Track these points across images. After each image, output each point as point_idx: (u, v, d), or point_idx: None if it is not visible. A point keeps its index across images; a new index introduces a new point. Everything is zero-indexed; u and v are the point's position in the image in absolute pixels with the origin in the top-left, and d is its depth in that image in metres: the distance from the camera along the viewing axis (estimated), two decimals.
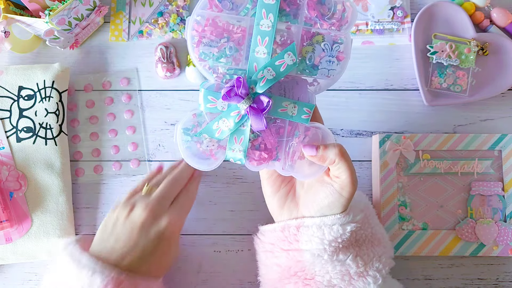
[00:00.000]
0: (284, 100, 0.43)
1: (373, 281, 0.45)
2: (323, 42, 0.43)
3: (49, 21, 0.57)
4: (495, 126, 0.63)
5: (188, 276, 0.60)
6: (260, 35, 0.42)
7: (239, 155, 0.44)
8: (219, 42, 0.42)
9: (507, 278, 0.59)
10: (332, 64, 0.43)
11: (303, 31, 0.43)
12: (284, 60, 0.41)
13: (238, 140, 0.44)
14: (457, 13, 0.63)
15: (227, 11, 0.42)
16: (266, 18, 0.41)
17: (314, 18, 0.42)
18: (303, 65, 0.43)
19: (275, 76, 0.42)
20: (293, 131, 0.44)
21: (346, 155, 0.43)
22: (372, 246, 0.47)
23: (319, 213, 0.45)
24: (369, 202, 0.51)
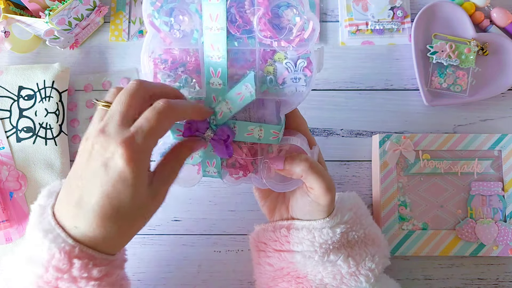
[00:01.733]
0: (249, 124, 0.41)
1: (365, 280, 0.45)
2: (285, 60, 0.40)
3: (49, 21, 0.57)
4: (495, 126, 0.63)
5: (188, 276, 0.60)
6: (212, 67, 0.39)
7: (215, 175, 0.44)
8: (176, 73, 0.41)
9: (507, 278, 0.59)
10: (298, 81, 0.40)
11: (261, 50, 0.40)
12: (242, 92, 0.39)
13: (211, 164, 0.44)
14: (457, 13, 0.63)
15: (177, 41, 0.40)
16: (214, 49, 0.39)
17: (270, 37, 0.39)
18: (267, 85, 0.41)
19: (231, 109, 0.40)
20: (267, 146, 0.44)
21: (314, 168, 0.42)
22: (365, 246, 0.47)
23: (303, 217, 0.46)
24: (361, 202, 0.51)
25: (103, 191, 0.35)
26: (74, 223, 0.36)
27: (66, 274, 0.36)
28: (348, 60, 0.65)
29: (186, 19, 0.39)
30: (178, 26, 0.40)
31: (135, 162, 0.34)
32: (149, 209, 0.39)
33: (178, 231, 0.61)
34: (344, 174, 0.62)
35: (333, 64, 0.65)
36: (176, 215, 0.61)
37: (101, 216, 0.35)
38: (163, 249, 0.60)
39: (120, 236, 0.38)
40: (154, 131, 0.36)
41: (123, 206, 0.35)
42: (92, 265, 0.36)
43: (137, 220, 0.38)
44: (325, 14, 0.67)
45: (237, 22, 0.39)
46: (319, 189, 0.42)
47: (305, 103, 0.63)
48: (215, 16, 0.38)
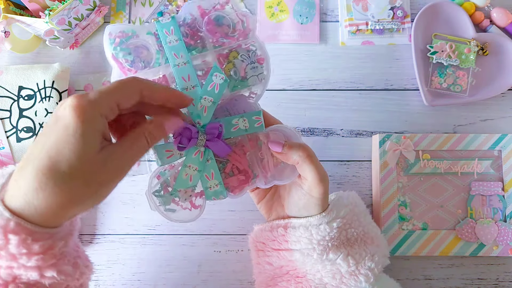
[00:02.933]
0: (232, 118, 0.44)
1: (364, 279, 0.45)
2: (239, 55, 0.44)
3: (49, 21, 0.57)
4: (495, 126, 0.63)
5: (188, 276, 0.60)
6: (182, 74, 0.42)
7: (218, 189, 0.44)
8: None
9: (507, 278, 0.59)
10: (257, 69, 0.44)
11: (217, 55, 0.44)
12: (214, 82, 0.42)
13: (210, 176, 0.43)
14: (457, 13, 0.63)
15: (141, 70, 0.43)
16: (179, 57, 0.42)
17: (220, 39, 0.44)
18: (233, 82, 0.44)
19: (213, 100, 0.42)
20: (257, 143, 0.45)
21: (310, 157, 0.43)
22: (364, 245, 0.47)
23: (299, 214, 0.46)
24: (360, 201, 0.51)
25: (47, 144, 0.32)
26: (17, 184, 0.33)
27: (3, 251, 0.33)
28: (348, 60, 0.65)
29: (144, 51, 0.43)
30: (138, 58, 0.43)
31: (81, 111, 0.32)
32: (97, 177, 0.34)
33: (178, 231, 0.61)
34: (344, 174, 0.62)
35: (333, 64, 0.65)
36: None
37: (42, 170, 0.32)
38: (163, 249, 0.60)
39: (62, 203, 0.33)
40: (110, 91, 0.34)
41: (64, 162, 0.32)
42: (32, 240, 0.33)
43: (81, 186, 0.33)
44: (325, 14, 0.67)
45: (189, 35, 0.43)
46: (313, 179, 0.43)
47: (305, 103, 0.64)
48: (170, 31, 0.43)
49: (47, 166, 0.32)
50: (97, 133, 0.34)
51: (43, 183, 0.32)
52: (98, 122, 0.34)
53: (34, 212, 0.33)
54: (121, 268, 0.60)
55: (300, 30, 0.65)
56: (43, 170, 0.32)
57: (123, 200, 0.61)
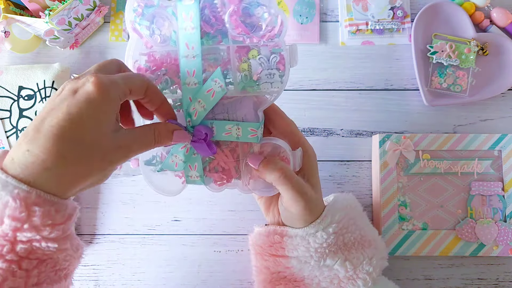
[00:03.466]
0: (226, 123, 0.42)
1: (362, 283, 0.45)
2: (258, 56, 0.41)
3: (49, 21, 0.57)
4: (495, 126, 0.63)
5: (188, 276, 0.60)
6: (187, 67, 0.40)
7: (198, 180, 0.44)
8: (158, 76, 0.42)
9: (507, 278, 0.59)
10: (273, 77, 0.41)
11: (236, 48, 0.41)
12: (212, 88, 0.40)
13: (193, 167, 0.44)
14: (457, 13, 0.63)
15: (158, 45, 0.41)
16: (189, 49, 0.40)
17: (242, 34, 0.40)
18: (243, 83, 0.41)
19: (205, 107, 0.41)
20: (249, 149, 0.44)
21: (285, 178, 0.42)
22: (362, 249, 0.47)
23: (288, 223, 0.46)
24: (357, 203, 0.51)
25: (67, 112, 0.33)
26: (32, 154, 0.32)
27: (26, 223, 0.33)
28: (348, 60, 0.65)
29: (166, 24, 0.40)
30: (159, 31, 0.41)
31: (105, 90, 0.34)
32: (108, 155, 0.35)
33: (178, 231, 0.61)
34: (344, 174, 0.62)
35: (333, 64, 0.65)
36: (176, 215, 0.61)
37: (65, 139, 0.32)
38: (163, 249, 0.60)
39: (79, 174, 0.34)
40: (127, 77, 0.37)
41: (88, 133, 0.33)
42: (55, 211, 0.34)
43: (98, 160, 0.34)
44: (325, 14, 0.67)
45: (211, 21, 0.40)
46: (287, 200, 0.43)
47: (305, 103, 0.64)
48: (189, 16, 0.39)
49: (71, 136, 0.32)
50: (114, 113, 0.35)
51: (66, 151, 0.32)
52: (116, 102, 0.35)
53: (51, 182, 0.33)
54: (121, 268, 0.60)
55: (300, 30, 0.65)
56: (67, 139, 0.32)
57: (123, 200, 0.61)
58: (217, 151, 0.44)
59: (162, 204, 0.61)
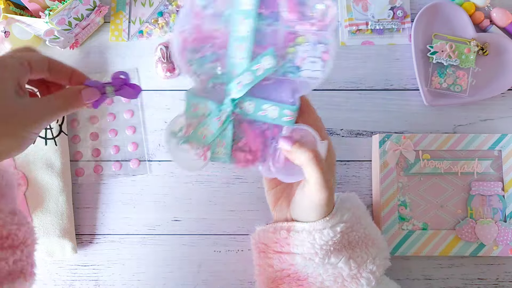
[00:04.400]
0: (264, 102, 0.43)
1: (366, 283, 0.45)
2: (306, 43, 0.42)
3: (49, 21, 0.57)
4: (495, 126, 0.63)
5: (188, 276, 0.60)
6: (237, 41, 0.42)
7: (223, 157, 0.45)
8: (203, 48, 0.43)
9: (507, 278, 0.59)
10: (316, 65, 0.43)
11: (285, 33, 0.42)
12: (261, 64, 0.41)
13: (221, 144, 0.44)
14: (457, 13, 0.63)
15: (209, 18, 0.42)
16: (243, 24, 0.41)
17: (294, 19, 0.42)
18: (286, 67, 0.43)
19: (252, 81, 0.42)
20: (279, 133, 0.44)
21: (317, 160, 0.42)
22: (366, 248, 0.47)
23: (300, 215, 0.46)
24: (360, 203, 0.51)
25: None
26: None
27: None
28: (348, 60, 0.65)
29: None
30: (212, 4, 0.42)
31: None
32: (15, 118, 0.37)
33: (178, 231, 0.61)
34: (344, 174, 0.62)
35: (333, 64, 0.65)
36: (176, 215, 0.61)
37: None
38: (163, 249, 0.60)
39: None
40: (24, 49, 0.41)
41: None
42: None
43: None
44: None
45: (266, 2, 0.42)
46: (314, 184, 0.42)
47: None
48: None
49: None
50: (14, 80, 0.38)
51: None
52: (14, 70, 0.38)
53: None
54: (121, 268, 0.60)
55: None
56: None
57: (123, 200, 0.61)
58: (248, 130, 0.44)
59: (162, 204, 0.61)
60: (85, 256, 0.61)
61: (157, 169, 0.62)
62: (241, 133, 0.44)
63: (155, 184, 0.62)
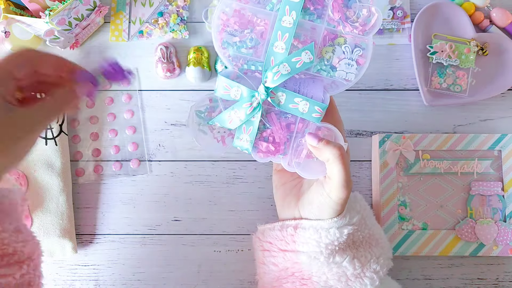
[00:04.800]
0: (296, 96, 0.44)
1: (370, 282, 0.45)
2: (344, 45, 0.44)
3: (49, 21, 0.57)
4: (495, 126, 0.63)
5: (188, 276, 0.60)
6: (280, 31, 0.42)
7: (247, 145, 0.45)
8: (242, 33, 0.44)
9: (507, 278, 0.59)
10: (351, 67, 0.44)
11: (325, 31, 0.43)
12: (301, 57, 0.42)
13: (246, 130, 0.44)
14: (457, 13, 0.63)
15: (253, 3, 0.43)
16: (288, 15, 0.42)
17: (338, 20, 0.43)
18: (321, 65, 0.44)
19: (289, 71, 0.42)
20: (304, 129, 0.45)
21: (343, 158, 0.42)
22: (369, 248, 0.47)
23: (311, 214, 0.46)
24: (365, 203, 0.51)
25: None
26: None
27: None
28: None
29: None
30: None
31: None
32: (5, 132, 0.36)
33: (178, 231, 0.61)
34: None
35: None
36: (176, 215, 0.61)
37: None
38: (163, 249, 0.60)
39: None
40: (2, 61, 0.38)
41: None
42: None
43: None
44: None
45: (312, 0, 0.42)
46: (337, 182, 0.42)
47: None
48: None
49: None
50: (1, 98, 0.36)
51: None
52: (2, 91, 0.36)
53: None
54: (121, 268, 0.60)
55: None
56: None
57: (123, 200, 0.61)
58: (275, 122, 0.45)
59: (162, 204, 0.61)
60: (85, 256, 0.61)
61: (157, 169, 0.62)
62: (267, 123, 0.45)
63: (155, 184, 0.62)
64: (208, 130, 0.45)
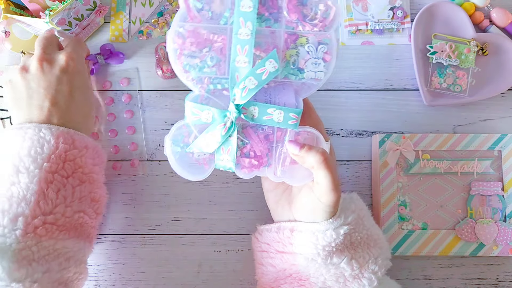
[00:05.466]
0: (269, 106, 0.42)
1: (368, 283, 0.45)
2: (307, 44, 0.42)
3: (49, 21, 0.57)
4: (495, 126, 0.63)
5: (188, 276, 0.60)
6: (239, 44, 0.41)
7: (229, 164, 0.44)
8: (200, 52, 0.42)
9: (507, 278, 0.59)
10: (318, 66, 0.42)
11: (285, 34, 0.42)
12: (266, 67, 0.40)
13: (225, 150, 0.43)
14: (457, 13, 0.63)
15: (206, 21, 0.41)
16: (244, 27, 0.40)
17: (295, 21, 0.41)
18: (288, 69, 0.42)
19: (257, 84, 0.41)
20: (283, 137, 0.44)
21: (327, 163, 0.42)
22: (368, 248, 0.47)
23: (305, 217, 0.46)
24: (363, 203, 0.51)
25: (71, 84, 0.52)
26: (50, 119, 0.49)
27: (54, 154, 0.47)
28: (348, 60, 0.65)
29: (217, 1, 0.41)
30: (208, 7, 0.41)
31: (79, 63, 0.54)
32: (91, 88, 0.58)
33: (178, 231, 0.61)
34: (344, 174, 0.62)
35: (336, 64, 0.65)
36: (176, 215, 0.61)
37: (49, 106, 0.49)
38: (163, 249, 0.60)
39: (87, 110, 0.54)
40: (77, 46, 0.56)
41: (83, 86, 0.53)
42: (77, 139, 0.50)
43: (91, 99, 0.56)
44: None
45: (267, 3, 0.41)
46: (325, 186, 0.42)
47: None
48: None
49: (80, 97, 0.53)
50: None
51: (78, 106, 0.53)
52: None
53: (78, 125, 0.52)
54: (121, 268, 0.60)
55: None
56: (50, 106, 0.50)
57: (123, 200, 0.61)
58: (252, 135, 0.44)
59: (162, 204, 0.61)
60: None
61: (157, 169, 0.62)
62: (245, 138, 0.44)
63: (155, 184, 0.62)
64: (187, 156, 0.44)
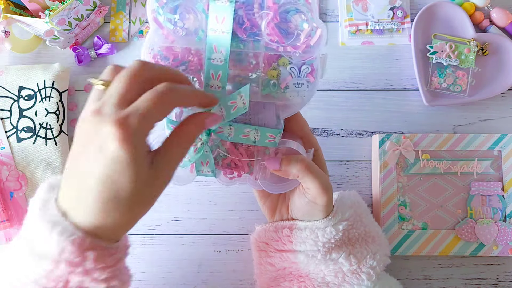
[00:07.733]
0: (245, 127, 0.41)
1: (366, 277, 0.45)
2: (289, 65, 0.40)
3: (49, 21, 0.57)
4: (495, 126, 0.63)
5: (188, 276, 0.60)
6: (212, 70, 0.38)
7: (209, 173, 0.44)
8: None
9: (507, 278, 0.59)
10: (301, 86, 0.40)
11: (266, 54, 0.39)
12: (236, 102, 0.39)
13: (204, 163, 0.43)
14: (457, 13, 0.63)
15: (180, 38, 0.39)
16: (218, 52, 0.38)
17: (276, 43, 0.39)
18: (269, 90, 0.40)
19: (224, 117, 0.39)
20: (264, 148, 0.44)
21: (310, 168, 0.42)
22: (366, 244, 0.47)
23: (303, 218, 0.46)
24: (361, 200, 0.51)
25: (100, 176, 0.32)
26: (79, 212, 0.34)
27: (80, 267, 0.34)
28: (348, 60, 0.65)
29: (191, 17, 0.39)
30: (182, 24, 0.39)
31: (129, 143, 0.32)
32: (152, 190, 0.35)
33: (178, 231, 0.61)
34: (344, 174, 0.62)
35: (333, 64, 0.65)
36: (176, 215, 0.61)
37: (101, 201, 0.33)
38: (163, 249, 0.60)
39: (125, 222, 0.36)
40: (151, 113, 0.33)
41: (122, 190, 0.33)
42: (107, 256, 0.35)
43: (140, 204, 0.35)
44: (325, 14, 0.67)
45: (244, 25, 0.38)
46: (315, 189, 0.43)
47: None
48: (221, 19, 0.37)
49: (108, 197, 0.33)
50: (144, 155, 0.34)
51: (107, 211, 0.34)
52: (144, 146, 0.34)
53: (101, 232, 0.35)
54: None
55: None
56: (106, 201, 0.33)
57: None
58: (232, 149, 0.43)
59: (162, 204, 0.61)
60: None
61: None
62: (225, 152, 0.43)
63: None
64: None
